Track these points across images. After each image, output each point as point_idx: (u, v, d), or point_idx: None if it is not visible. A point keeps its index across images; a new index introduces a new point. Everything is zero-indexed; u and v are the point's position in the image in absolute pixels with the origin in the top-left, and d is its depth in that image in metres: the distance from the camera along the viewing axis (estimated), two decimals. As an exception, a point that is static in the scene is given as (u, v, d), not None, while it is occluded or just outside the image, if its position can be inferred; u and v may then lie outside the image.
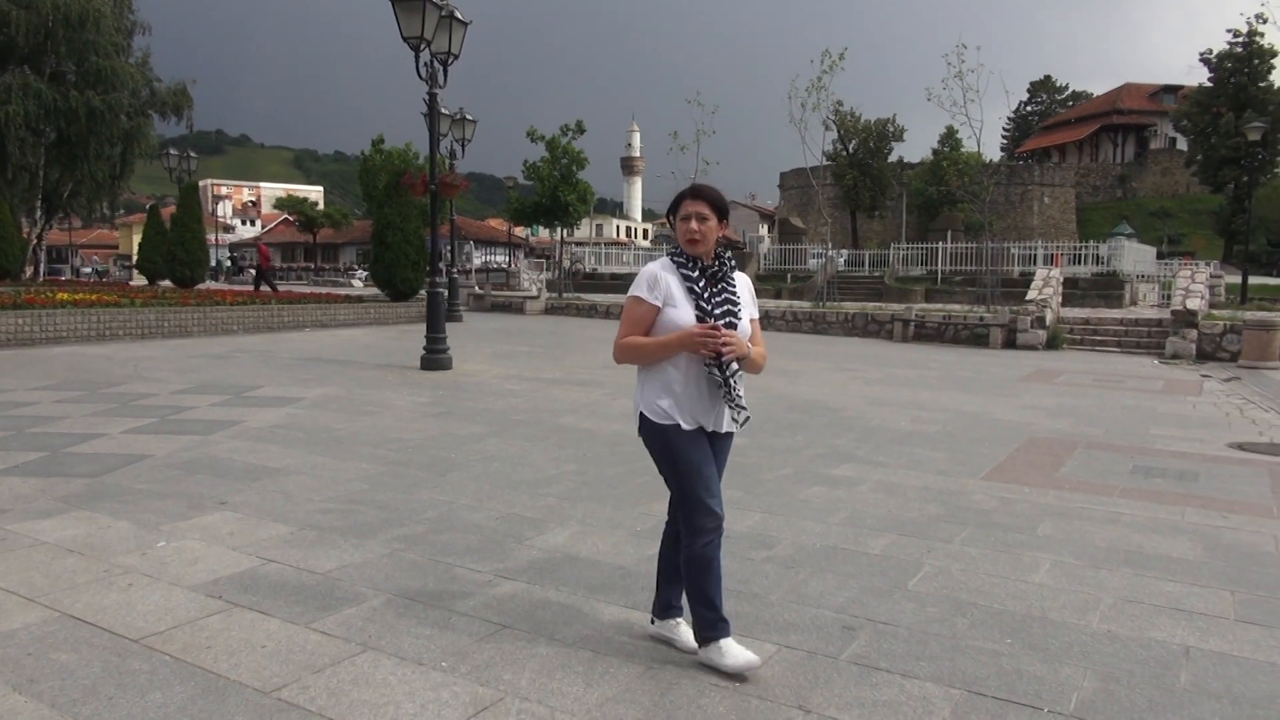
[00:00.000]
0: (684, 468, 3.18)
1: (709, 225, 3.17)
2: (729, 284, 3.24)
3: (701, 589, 3.24)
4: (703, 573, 3.23)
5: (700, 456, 3.19)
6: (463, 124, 22.59)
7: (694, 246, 3.18)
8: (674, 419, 3.16)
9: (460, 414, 8.84)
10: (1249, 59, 53.03)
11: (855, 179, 46.81)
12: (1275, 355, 15.63)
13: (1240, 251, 38.16)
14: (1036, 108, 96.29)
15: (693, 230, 3.16)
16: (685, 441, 3.17)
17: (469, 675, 3.17)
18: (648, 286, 3.17)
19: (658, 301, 3.15)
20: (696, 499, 3.18)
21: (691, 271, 3.19)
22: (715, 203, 3.18)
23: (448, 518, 5.17)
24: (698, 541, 3.20)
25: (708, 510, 3.18)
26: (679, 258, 3.23)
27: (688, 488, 3.19)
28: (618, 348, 3.23)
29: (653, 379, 3.22)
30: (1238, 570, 4.56)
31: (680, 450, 3.17)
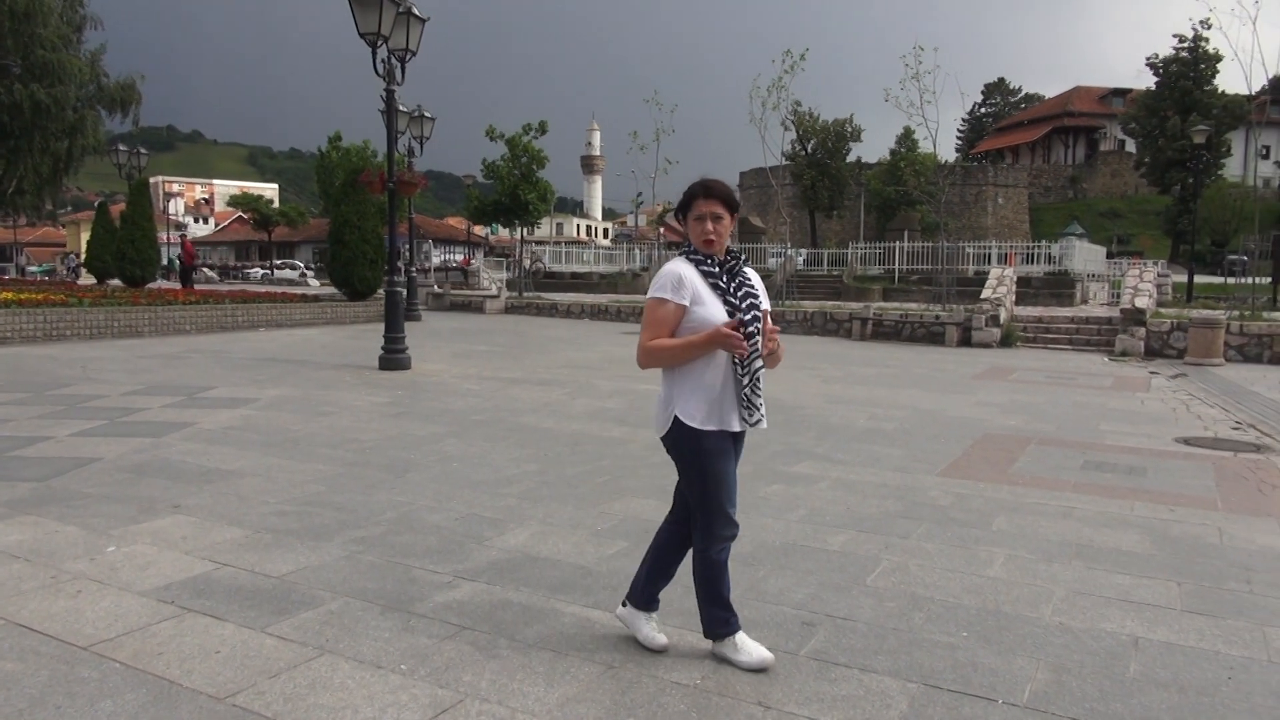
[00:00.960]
0: (712, 476, 3.16)
1: (724, 224, 3.14)
2: (745, 278, 3.20)
3: (716, 591, 3.28)
4: (718, 576, 3.27)
5: (727, 465, 3.18)
6: (421, 121, 22.39)
7: (709, 246, 3.14)
8: (712, 424, 3.12)
9: (419, 414, 8.76)
10: (1194, 63, 54.40)
11: (814, 179, 47.23)
12: (1219, 352, 16.05)
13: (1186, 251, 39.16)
14: (990, 109, 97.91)
15: (708, 232, 3.12)
16: (718, 449, 3.14)
17: (429, 678, 3.14)
18: (673, 286, 3.10)
19: (684, 300, 3.09)
20: (719, 507, 3.18)
21: (713, 268, 3.15)
22: (728, 199, 3.14)
23: (407, 519, 5.12)
24: (714, 548, 3.23)
25: (728, 520, 3.20)
26: (695, 255, 3.18)
27: (712, 496, 3.17)
28: (643, 351, 3.17)
29: (687, 381, 3.15)
30: (1184, 562, 4.68)
31: (712, 458, 3.14)
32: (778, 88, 27.08)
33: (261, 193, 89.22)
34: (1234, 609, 4.00)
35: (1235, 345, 16.67)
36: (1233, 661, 3.45)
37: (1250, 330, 16.87)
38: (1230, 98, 52.58)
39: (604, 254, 43.26)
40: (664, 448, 3.27)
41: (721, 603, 3.29)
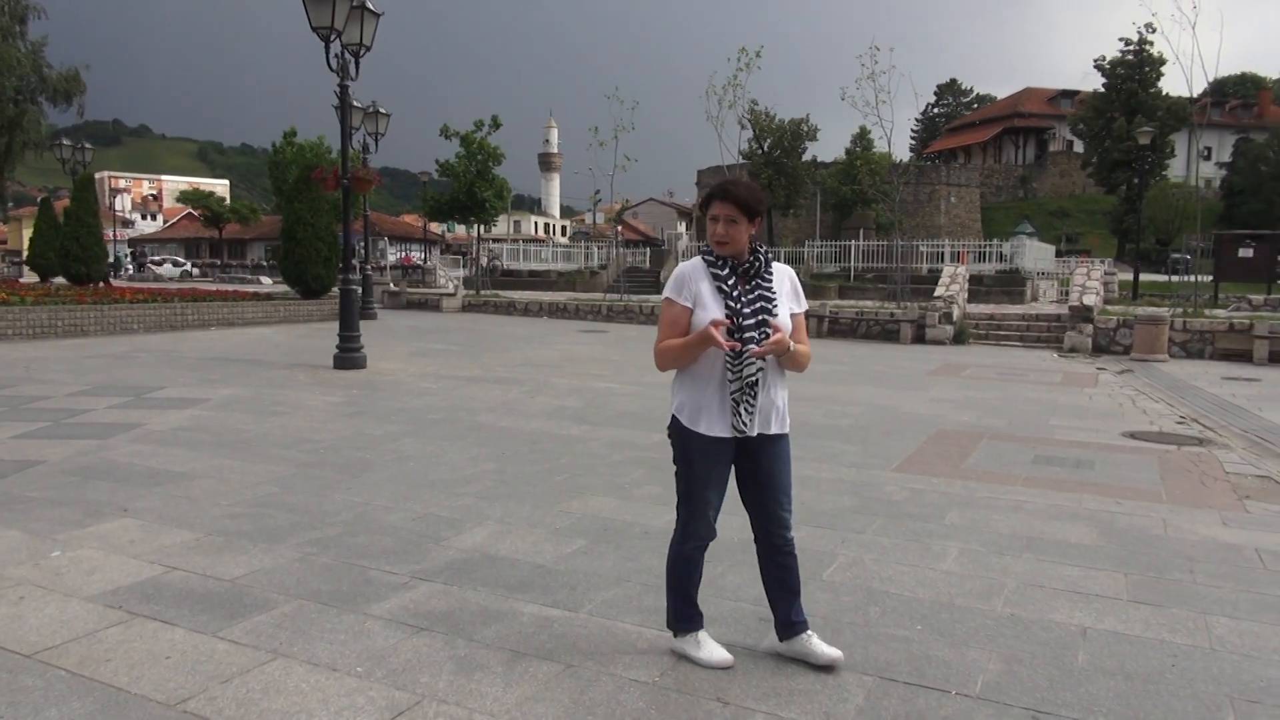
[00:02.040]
0: (697, 477, 3.15)
1: (738, 228, 3.07)
2: (764, 280, 3.13)
3: (684, 586, 3.30)
4: (688, 572, 3.29)
5: (715, 469, 3.14)
6: (376, 118, 22.12)
7: (721, 249, 3.11)
8: (703, 426, 3.10)
9: (375, 413, 8.66)
10: (1140, 66, 55.74)
11: (770, 177, 47.52)
12: (1163, 349, 16.47)
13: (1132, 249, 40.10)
14: (943, 110, 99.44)
15: (719, 234, 3.08)
16: (707, 451, 3.12)
17: (385, 679, 3.11)
18: (676, 289, 3.11)
19: (688, 303, 3.07)
20: (699, 509, 3.19)
21: (721, 270, 3.10)
22: (745, 203, 3.06)
23: (362, 519, 5.06)
24: (688, 545, 3.25)
25: (705, 521, 3.21)
26: (709, 256, 3.14)
27: (695, 496, 3.18)
28: (655, 353, 3.17)
29: (685, 381, 3.16)
30: (1130, 553, 4.79)
31: (698, 458, 3.13)
32: (734, 86, 27.20)
33: (212, 189, 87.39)
34: (1177, 598, 4.11)
35: (1179, 341, 17.11)
36: (1176, 649, 3.54)
37: (1193, 327, 17.33)
38: (1173, 100, 53.96)
39: (562, 252, 43.13)
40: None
41: (687, 599, 3.31)
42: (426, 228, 54.34)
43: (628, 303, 24.74)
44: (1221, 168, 69.38)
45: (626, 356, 15.02)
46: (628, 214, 79.58)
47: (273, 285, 36.02)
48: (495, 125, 29.55)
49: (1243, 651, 3.53)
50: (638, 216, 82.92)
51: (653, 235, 72.45)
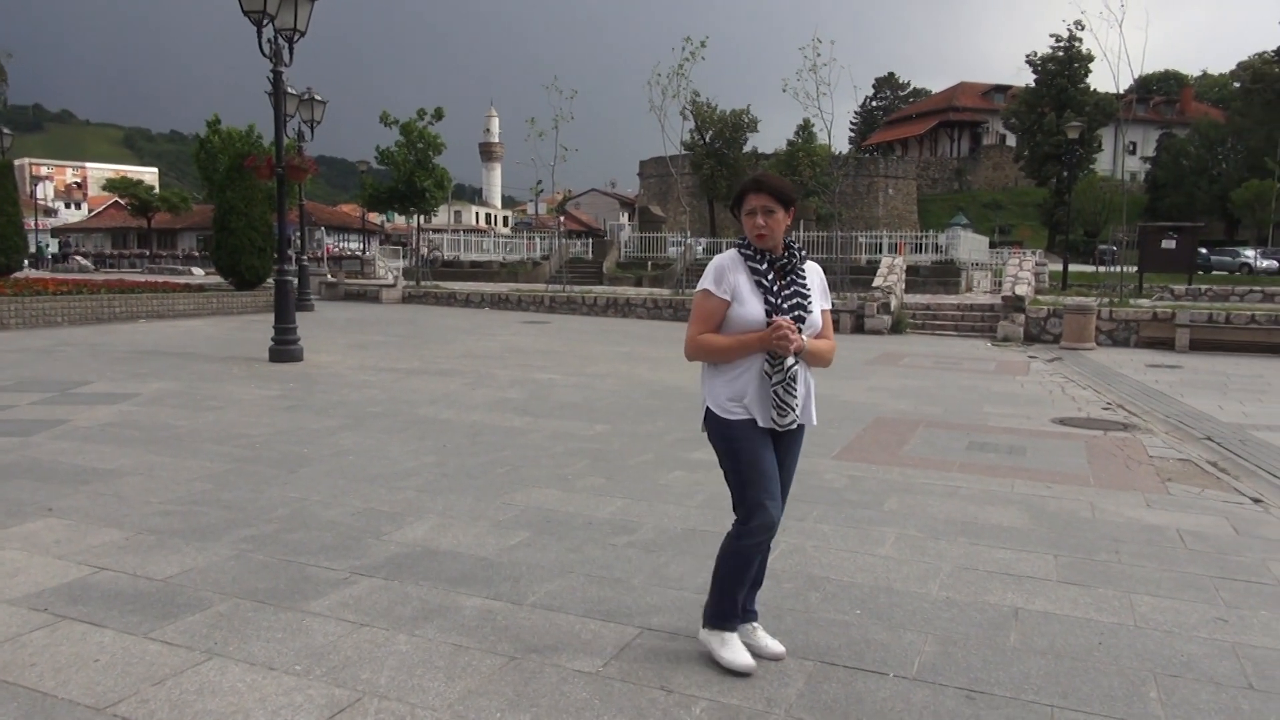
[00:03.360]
0: (746, 462, 3.09)
1: (776, 218, 3.05)
2: (798, 276, 3.12)
3: (732, 585, 3.19)
4: (740, 569, 3.17)
5: (765, 456, 3.09)
6: (311, 105, 21.63)
7: (762, 241, 3.07)
8: (742, 414, 3.06)
9: (312, 407, 8.50)
10: (1069, 62, 57.26)
11: (712, 168, 47.78)
12: (1091, 337, 16.99)
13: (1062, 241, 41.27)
14: (881, 103, 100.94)
15: (759, 226, 3.04)
16: (751, 439, 3.07)
17: (324, 677, 3.06)
18: (715, 280, 3.06)
19: (726, 296, 3.04)
20: (756, 500, 3.09)
21: (760, 264, 3.08)
22: (780, 193, 3.05)
23: (300, 515, 4.97)
24: (746, 541, 3.14)
25: (765, 512, 3.09)
26: (746, 250, 3.11)
27: (748, 484, 3.10)
28: (690, 344, 3.11)
29: (722, 374, 3.11)
30: (1060, 535, 4.94)
31: (744, 448, 3.08)
32: (678, 75, 27.18)
33: (140, 177, 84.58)
34: (1104, 578, 4.26)
35: (1106, 330, 17.67)
36: (1103, 628, 3.67)
37: (1119, 316, 17.90)
38: (1101, 96, 55.60)
39: (504, 242, 42.81)
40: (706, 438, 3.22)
41: (732, 600, 3.19)
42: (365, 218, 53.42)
43: (571, 294, 24.66)
44: (1146, 162, 71.70)
45: (569, 347, 14.98)
46: (570, 204, 79.26)
47: (205, 276, 35.09)
48: (438, 116, 29.17)
49: (1165, 628, 3.67)
50: (580, 207, 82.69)
51: (595, 226, 72.28)
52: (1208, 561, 4.55)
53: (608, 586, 3.98)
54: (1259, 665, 3.34)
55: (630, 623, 3.59)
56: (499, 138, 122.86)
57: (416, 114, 29.12)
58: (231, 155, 25.01)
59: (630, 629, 3.52)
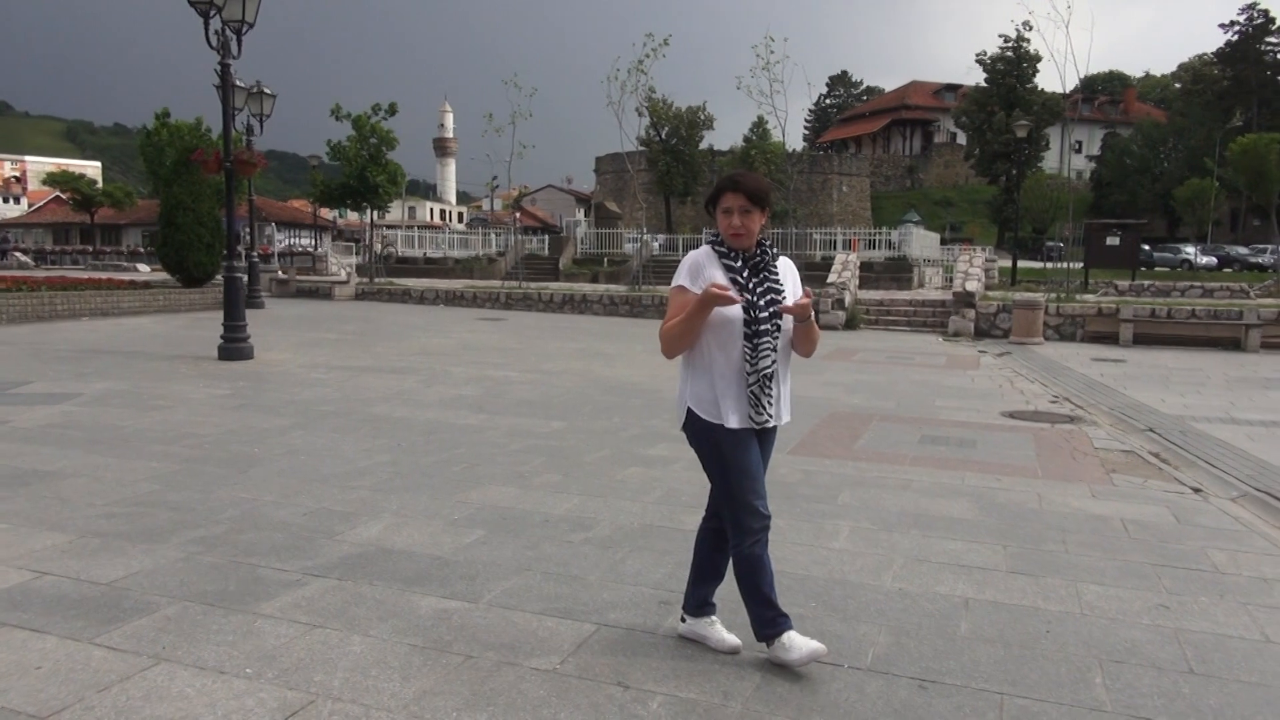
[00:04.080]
0: (733, 467, 3.08)
1: (751, 218, 3.04)
2: (771, 272, 3.13)
3: (756, 587, 3.18)
4: (755, 572, 3.17)
5: (749, 456, 3.10)
6: (260, 98, 21.21)
7: (737, 240, 3.06)
8: (723, 417, 3.05)
9: (263, 406, 8.36)
10: (1018, 62, 58.24)
11: (668, 165, 47.88)
12: (1039, 332, 17.34)
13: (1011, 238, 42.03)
14: (835, 101, 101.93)
15: (735, 225, 3.04)
16: (735, 440, 3.06)
17: (276, 680, 3.02)
18: (690, 276, 3.05)
19: (700, 291, 3.01)
20: (745, 500, 3.09)
21: (734, 261, 3.07)
22: (757, 194, 3.04)
23: (250, 516, 4.89)
24: (745, 542, 3.13)
25: (755, 511, 3.10)
26: (720, 247, 3.10)
27: (735, 488, 3.10)
28: (660, 338, 3.11)
29: (699, 372, 3.10)
30: (1009, 526, 5.04)
31: (729, 449, 3.07)
32: (638, 71, 27.07)
33: (83, 171, 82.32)
34: (1051, 568, 4.35)
35: (1053, 325, 18.05)
36: (1051, 616, 3.75)
37: (1066, 311, 18.30)
38: (1048, 95, 56.64)
39: (459, 238, 42.40)
40: (686, 439, 3.20)
41: (764, 600, 3.17)
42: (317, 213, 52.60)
43: (527, 290, 24.55)
44: (1091, 160, 73.32)
45: (525, 344, 14.91)
46: (526, 200, 78.86)
47: (151, 273, 34.29)
48: (391, 111, 28.74)
49: (1110, 615, 3.77)
50: (536, 203, 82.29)
51: (552, 222, 72.07)
52: (1150, 550, 4.68)
53: (564, 583, 3.98)
54: (1199, 650, 3.45)
55: (587, 619, 3.59)
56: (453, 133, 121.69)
57: (370, 109, 28.69)
58: (179, 149, 24.50)
59: (587, 625, 3.52)
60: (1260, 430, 8.23)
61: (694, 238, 35.93)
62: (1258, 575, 4.34)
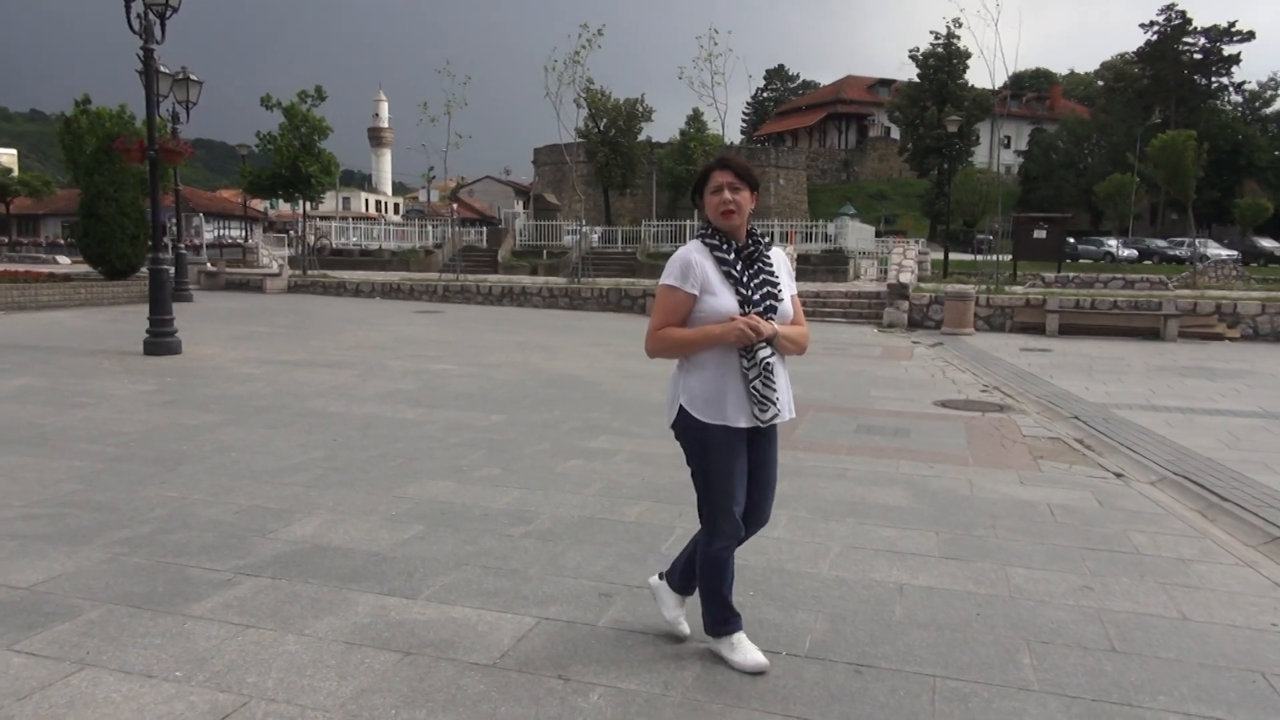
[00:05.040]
0: (716, 471, 3.01)
1: (743, 195, 2.96)
2: (765, 263, 3.03)
3: (716, 589, 3.16)
4: (718, 573, 3.15)
5: (735, 460, 3.02)
6: (186, 84, 20.57)
7: (729, 218, 2.95)
8: (719, 417, 2.96)
9: (192, 402, 8.14)
10: (949, 59, 59.49)
11: (607, 157, 47.80)
12: (970, 323, 17.77)
13: (942, 230, 42.92)
14: (772, 94, 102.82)
15: (726, 200, 2.93)
16: (724, 443, 2.99)
17: (207, 683, 2.94)
18: (681, 274, 2.93)
19: (694, 290, 2.92)
20: (723, 505, 3.04)
21: (727, 254, 2.97)
22: (745, 173, 2.97)
23: (179, 515, 4.76)
24: (716, 544, 3.10)
25: (731, 518, 3.05)
26: (711, 240, 3.00)
27: (716, 491, 3.03)
28: (652, 339, 3.00)
29: (694, 371, 3.00)
30: (941, 513, 5.16)
31: (717, 451, 2.99)
32: (574, 62, 26.95)
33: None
34: (981, 553, 4.47)
35: (983, 316, 18.50)
36: (981, 599, 3.85)
37: (995, 303, 18.77)
38: (978, 91, 57.95)
39: (395, 230, 41.83)
40: (674, 436, 3.13)
41: (721, 601, 3.17)
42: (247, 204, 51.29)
43: (465, 282, 24.30)
44: (1019, 155, 75.25)
45: (464, 337, 14.77)
46: (464, 192, 77.97)
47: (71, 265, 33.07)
48: (320, 97, 28.13)
49: (1037, 598, 3.89)
50: (474, 194, 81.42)
51: (490, 214, 71.33)
52: (1075, 533, 4.84)
53: (504, 577, 3.96)
54: (1121, 629, 3.58)
55: (527, 613, 3.57)
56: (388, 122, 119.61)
57: (298, 96, 28.03)
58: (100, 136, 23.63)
59: (527, 619, 3.51)
60: (1178, 416, 8.56)
61: (633, 229, 35.98)
62: (1175, 556, 4.52)
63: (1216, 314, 17.15)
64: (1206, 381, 11.00)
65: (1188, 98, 63.24)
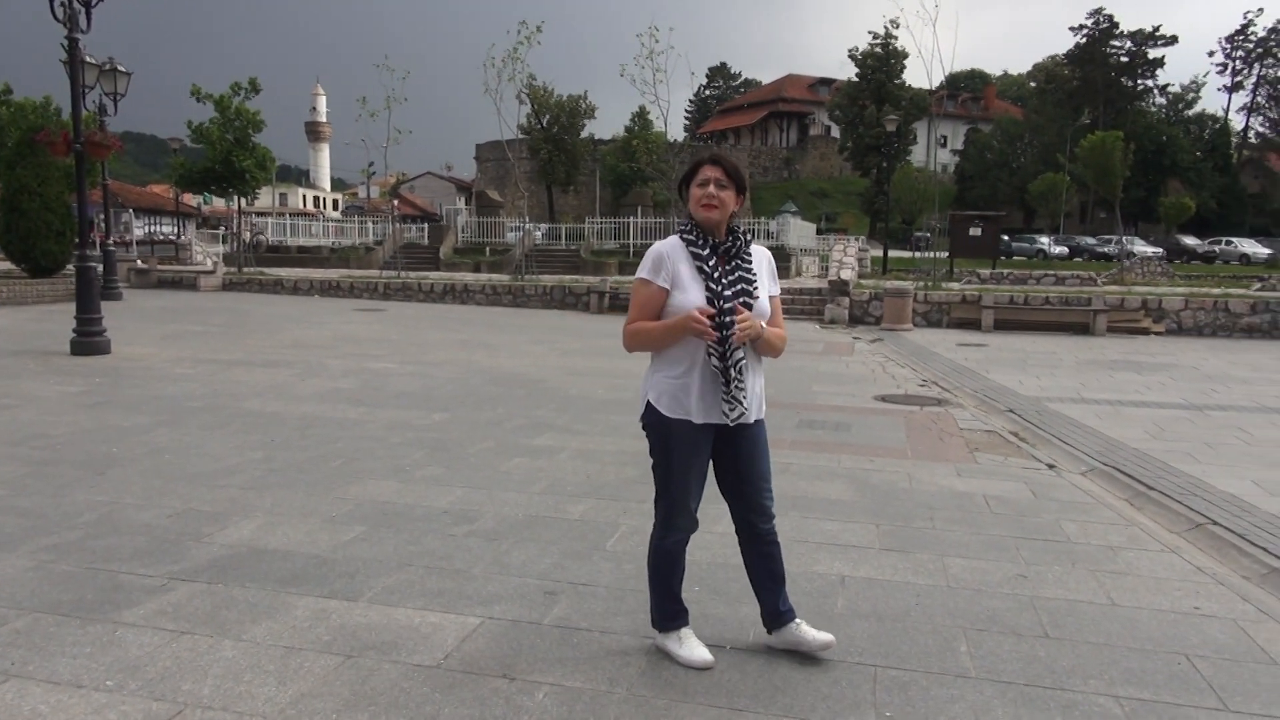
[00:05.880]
0: (676, 465, 3.01)
1: (727, 193, 2.95)
2: (744, 261, 3.00)
3: (666, 582, 3.17)
4: (669, 567, 3.16)
5: (696, 457, 3.02)
6: (114, 76, 19.92)
7: (709, 211, 2.94)
8: (682, 413, 2.96)
9: (122, 403, 7.90)
10: (887, 59, 60.49)
11: (550, 153, 47.62)
12: (909, 319, 18.09)
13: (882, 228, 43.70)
14: (714, 92, 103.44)
15: (710, 195, 2.93)
16: (686, 439, 2.99)
17: (140, 691, 2.86)
18: (652, 268, 2.94)
19: (665, 284, 2.92)
20: (679, 500, 3.05)
21: (702, 250, 2.95)
22: (734, 172, 2.96)
23: (110, 520, 4.62)
24: (669, 538, 3.11)
25: (687, 513, 3.08)
26: (688, 235, 2.99)
27: (674, 486, 3.04)
28: (625, 334, 2.99)
29: (663, 366, 3.00)
30: (881, 506, 5.26)
31: (677, 446, 3.00)
32: (514, 59, 26.73)
33: (-91, 151, 75.42)
34: (920, 544, 4.56)
35: (921, 312, 18.85)
36: (920, 590, 3.93)
37: (933, 299, 19.14)
38: (916, 91, 59.05)
39: (334, 226, 41.14)
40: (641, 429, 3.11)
41: (671, 595, 3.19)
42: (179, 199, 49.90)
43: (406, 280, 23.99)
44: (956, 155, 76.86)
45: (406, 335, 14.58)
46: (405, 188, 77.03)
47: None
48: (253, 89, 27.43)
49: (973, 587, 3.98)
50: (415, 191, 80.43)
51: (431, 210, 70.51)
52: (1010, 524, 4.96)
53: (448, 578, 3.92)
54: (1053, 615, 3.68)
55: (472, 613, 3.55)
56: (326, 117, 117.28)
57: (231, 88, 27.32)
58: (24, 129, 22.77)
59: (472, 619, 3.49)
60: (1106, 409, 8.83)
61: (577, 227, 35.88)
62: (1105, 544, 4.66)
63: (1143, 309, 17.72)
64: (1134, 375, 11.37)
65: (1115, 99, 65.25)
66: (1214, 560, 4.48)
